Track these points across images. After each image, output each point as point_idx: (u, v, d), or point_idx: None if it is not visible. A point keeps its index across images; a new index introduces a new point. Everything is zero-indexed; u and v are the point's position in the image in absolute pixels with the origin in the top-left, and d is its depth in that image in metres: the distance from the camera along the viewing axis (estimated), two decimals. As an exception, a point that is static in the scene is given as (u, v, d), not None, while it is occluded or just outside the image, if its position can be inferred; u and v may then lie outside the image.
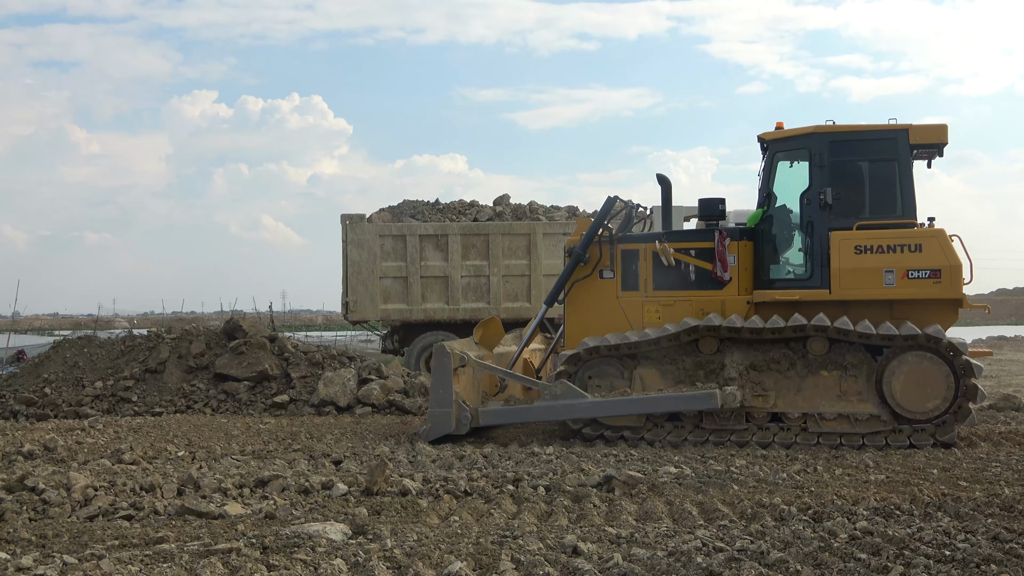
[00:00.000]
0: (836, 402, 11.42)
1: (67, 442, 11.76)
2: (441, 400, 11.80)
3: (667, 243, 12.28)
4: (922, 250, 11.45)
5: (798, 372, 11.53)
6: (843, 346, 11.47)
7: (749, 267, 12.28)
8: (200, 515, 7.78)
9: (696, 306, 12.11)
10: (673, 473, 9.36)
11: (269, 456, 10.87)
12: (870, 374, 11.40)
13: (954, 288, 11.44)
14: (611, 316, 12.40)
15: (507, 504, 8.20)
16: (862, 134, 11.97)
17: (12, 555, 6.51)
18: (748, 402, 11.49)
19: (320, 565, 6.16)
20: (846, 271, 11.57)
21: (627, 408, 11.61)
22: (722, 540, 6.70)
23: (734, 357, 11.64)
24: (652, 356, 11.87)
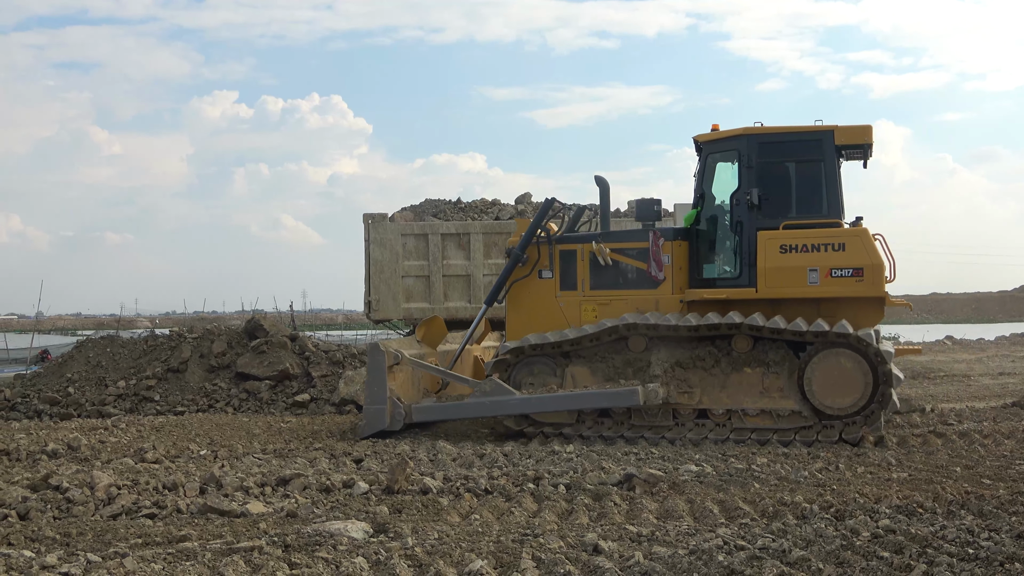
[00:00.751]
0: (759, 399, 11.64)
1: (90, 441, 11.84)
2: (376, 397, 12.14)
3: (603, 243, 12.52)
4: (845, 249, 11.64)
5: (723, 369, 11.75)
6: (766, 344, 11.68)
7: (684, 266, 12.50)
8: (222, 514, 7.82)
9: (631, 305, 12.33)
10: (694, 471, 9.34)
11: (290, 455, 10.92)
12: (792, 371, 11.58)
13: (876, 286, 11.62)
14: (550, 315, 12.65)
15: (528, 502, 8.21)
16: (788, 135, 12.22)
17: (37, 553, 6.56)
18: (673, 399, 11.72)
19: (342, 563, 6.18)
20: (772, 270, 11.78)
21: (552, 404, 11.86)
22: (743, 538, 6.68)
23: (660, 355, 11.89)
24: (583, 354, 12.16)
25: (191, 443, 11.82)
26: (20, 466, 10.40)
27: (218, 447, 11.49)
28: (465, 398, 12.37)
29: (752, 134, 12.12)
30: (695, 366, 11.80)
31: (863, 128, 12.08)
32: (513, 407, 11.99)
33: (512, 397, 11.95)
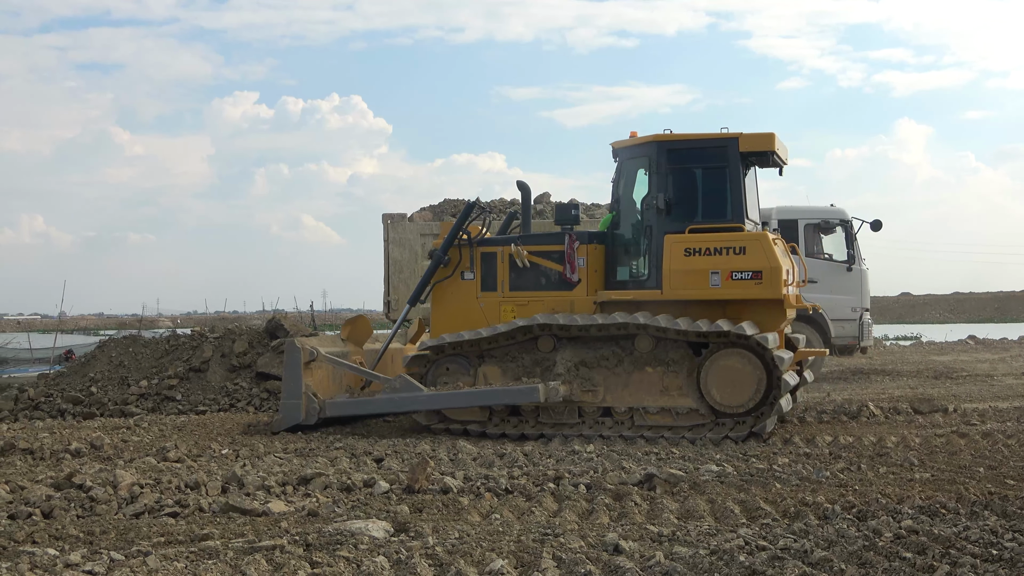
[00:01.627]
0: (659, 397, 11.98)
1: (113, 440, 11.92)
2: (291, 392, 12.62)
3: (522, 246, 12.84)
4: (745, 252, 11.92)
5: (625, 368, 12.07)
6: (667, 344, 11.98)
7: (600, 269, 12.83)
8: (244, 512, 7.86)
9: (548, 306, 12.61)
10: (715, 471, 9.32)
11: (311, 454, 10.95)
12: (691, 370, 11.92)
13: (773, 289, 11.87)
14: (472, 315, 12.95)
15: (548, 502, 8.21)
16: (695, 142, 12.57)
17: (61, 551, 6.62)
18: (577, 397, 12.08)
19: (363, 562, 6.20)
20: (676, 272, 12.08)
21: (456, 401, 12.22)
22: (765, 539, 6.66)
23: (565, 354, 12.20)
24: (495, 354, 12.52)
25: (213, 442, 11.88)
26: (44, 465, 10.49)
27: (239, 446, 11.54)
28: (376, 394, 12.76)
29: (661, 141, 12.50)
30: (599, 365, 12.12)
31: (767, 136, 12.41)
32: (420, 403, 12.38)
33: (420, 394, 12.32)
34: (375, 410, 12.92)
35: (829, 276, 19.33)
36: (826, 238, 19.74)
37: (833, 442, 11.32)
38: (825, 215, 19.66)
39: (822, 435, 11.84)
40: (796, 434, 11.97)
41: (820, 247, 19.69)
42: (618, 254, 12.89)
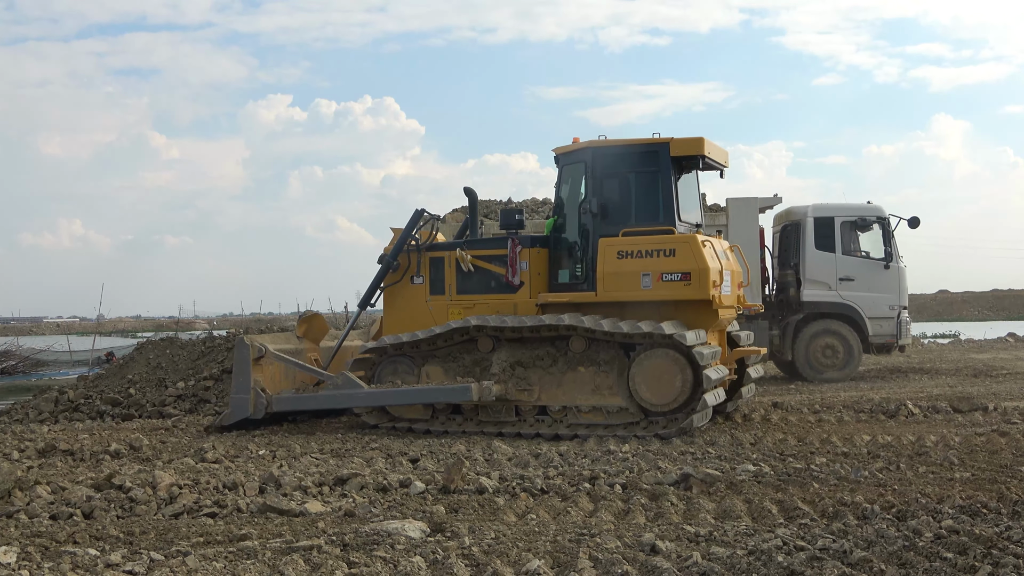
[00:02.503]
0: (591, 396, 12.25)
1: (152, 441, 12.04)
2: (240, 387, 13.06)
3: (466, 251, 13.26)
4: (675, 255, 12.13)
5: (559, 369, 12.38)
6: (599, 345, 12.24)
7: (543, 272, 13.16)
8: (281, 513, 7.90)
9: (492, 308, 12.98)
10: (752, 471, 9.26)
11: (347, 454, 11.00)
12: (621, 370, 12.14)
13: (702, 290, 12.04)
14: (421, 318, 13.33)
15: (584, 502, 8.19)
16: (628, 148, 12.81)
17: (102, 552, 6.69)
18: (512, 396, 12.40)
19: (399, 562, 6.22)
20: (609, 274, 12.33)
21: (393, 398, 12.62)
22: (803, 539, 6.61)
23: (502, 355, 12.51)
24: (438, 354, 12.89)
25: (250, 443, 11.96)
26: (84, 466, 10.61)
27: (276, 447, 11.61)
28: (319, 390, 13.22)
29: (596, 147, 12.79)
30: (535, 365, 12.44)
31: (696, 140, 12.59)
32: (360, 400, 12.76)
33: (360, 390, 12.71)
34: (318, 406, 13.36)
35: (866, 274, 19.19)
36: (863, 236, 19.57)
37: (871, 441, 11.21)
38: (862, 212, 19.50)
39: (860, 434, 11.73)
40: (834, 433, 11.87)
41: (857, 245, 19.53)
42: (560, 257, 13.20)
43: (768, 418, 13.57)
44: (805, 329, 19.18)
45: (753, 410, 14.28)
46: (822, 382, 18.67)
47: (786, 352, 19.28)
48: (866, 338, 19.14)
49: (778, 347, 19.29)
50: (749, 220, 19.13)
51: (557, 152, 13.38)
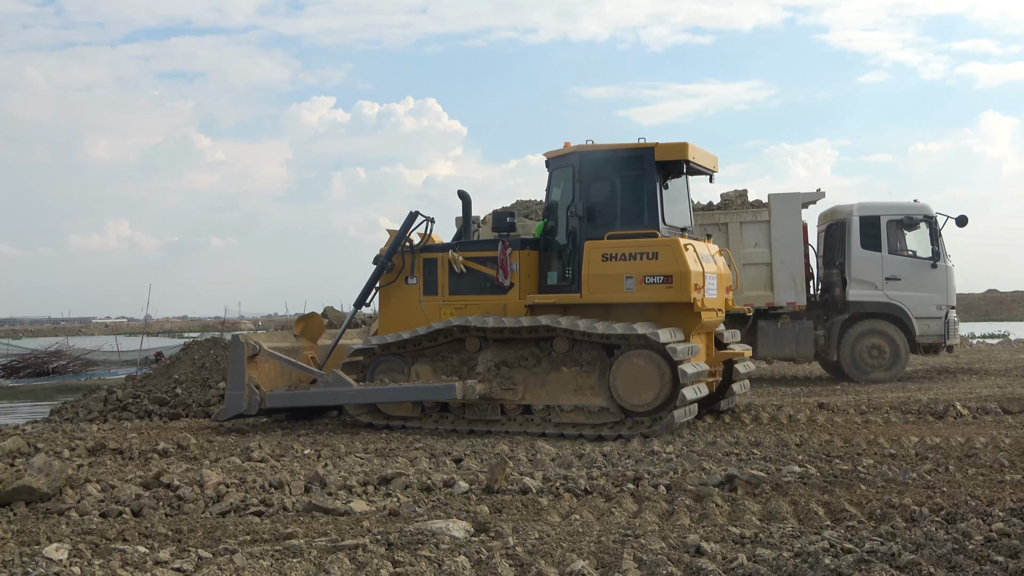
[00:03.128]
0: (573, 395, 12.47)
1: (199, 440, 12.17)
2: (235, 384, 13.45)
3: (458, 252, 13.56)
4: (658, 258, 12.32)
5: (543, 368, 12.62)
6: (582, 345, 12.47)
7: (533, 273, 13.42)
8: (327, 512, 7.96)
9: (483, 309, 13.26)
10: (797, 472, 9.18)
11: (391, 454, 11.05)
12: (603, 370, 12.35)
13: (683, 292, 12.22)
14: (415, 318, 13.60)
15: (628, 503, 8.17)
16: (614, 152, 13.00)
17: (150, 549, 6.77)
18: (497, 395, 12.65)
19: (444, 562, 6.24)
20: (594, 276, 12.55)
21: (381, 396, 13.00)
22: (850, 541, 6.54)
23: (487, 354, 12.79)
24: (427, 354, 13.22)
25: (295, 442, 12.05)
26: (133, 464, 10.75)
27: (321, 446, 11.70)
28: (311, 388, 13.55)
29: (583, 151, 13.04)
30: (520, 365, 12.69)
31: (680, 145, 12.80)
32: (349, 397, 13.12)
33: (349, 388, 13.08)
34: (309, 403, 13.61)
35: (913, 273, 18.98)
36: (910, 235, 19.37)
37: (919, 443, 11.08)
38: (908, 211, 19.29)
39: (908, 436, 11.60)
40: (881, 435, 11.75)
41: (904, 244, 19.32)
42: (550, 259, 13.43)
43: (814, 419, 13.45)
44: (851, 329, 19.01)
45: (798, 411, 14.18)
46: (868, 383, 18.49)
47: (831, 352, 19.11)
48: (913, 338, 18.94)
49: (823, 347, 19.14)
50: (792, 216, 18.98)
51: (548, 156, 13.61)
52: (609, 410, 12.31)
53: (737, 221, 19.10)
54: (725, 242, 18.89)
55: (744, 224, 19.09)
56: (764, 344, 19.08)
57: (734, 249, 18.90)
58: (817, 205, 19.86)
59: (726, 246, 18.81)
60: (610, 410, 12.30)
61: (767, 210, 19.12)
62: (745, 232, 19.06)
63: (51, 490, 8.51)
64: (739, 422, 13.42)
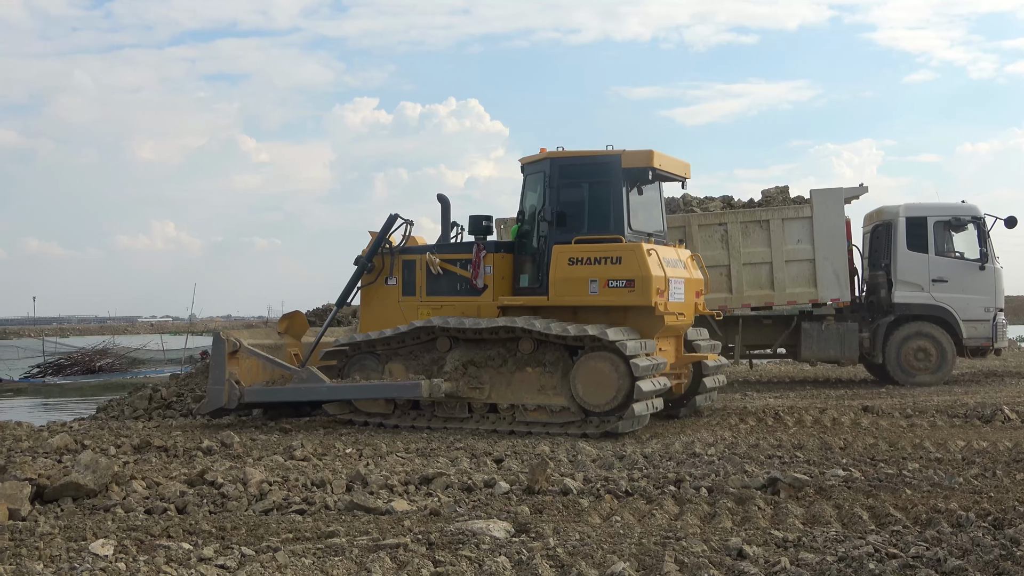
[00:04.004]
0: (537, 395, 12.92)
1: (242, 439, 12.28)
2: (216, 379, 13.90)
3: (435, 255, 13.95)
4: (621, 262, 12.71)
5: (509, 368, 13.06)
6: (546, 346, 12.89)
7: (507, 276, 13.76)
8: (368, 511, 8.00)
9: (458, 309, 13.67)
10: (842, 476, 9.08)
11: (432, 454, 11.09)
12: (565, 371, 12.76)
13: (644, 296, 12.61)
14: (395, 317, 13.99)
15: (669, 505, 8.13)
16: (583, 159, 13.40)
17: (194, 546, 6.84)
18: (463, 393, 13.12)
19: (484, 562, 6.24)
20: (560, 280, 12.97)
21: (351, 393, 13.57)
22: (895, 546, 6.46)
23: (455, 354, 13.24)
24: (400, 352, 13.67)
25: (337, 441, 12.13)
26: (177, 462, 10.87)
27: (363, 446, 11.76)
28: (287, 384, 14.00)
29: (554, 157, 13.41)
30: (487, 365, 13.13)
31: (646, 153, 13.11)
32: (322, 393, 13.70)
33: (322, 385, 13.63)
34: (283, 398, 14.04)
35: (960, 275, 18.73)
36: (957, 236, 19.10)
37: (966, 447, 10.93)
38: (956, 212, 19.03)
39: (954, 439, 11.45)
40: (927, 438, 11.60)
41: (951, 245, 19.06)
42: (522, 262, 13.77)
43: (858, 422, 13.32)
44: (896, 331, 18.78)
45: (842, 414, 14.06)
46: (914, 386, 18.26)
47: (876, 355, 18.90)
48: (960, 341, 18.68)
49: (868, 350, 18.93)
50: (834, 212, 18.78)
51: (523, 162, 14.01)
52: (569, 409, 12.70)
53: (779, 218, 18.92)
54: (766, 239, 18.78)
55: (786, 221, 18.91)
56: (808, 346, 18.90)
57: (776, 246, 18.78)
58: (860, 200, 19.62)
59: (767, 244, 18.74)
60: (571, 409, 12.70)
61: (809, 206, 18.92)
62: (787, 229, 18.88)
63: (97, 487, 8.62)
64: (782, 425, 13.32)
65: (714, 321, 19.25)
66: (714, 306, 18.76)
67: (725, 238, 18.93)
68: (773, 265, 18.83)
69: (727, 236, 18.91)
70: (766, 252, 18.86)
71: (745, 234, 18.92)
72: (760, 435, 12.16)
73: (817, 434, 12.19)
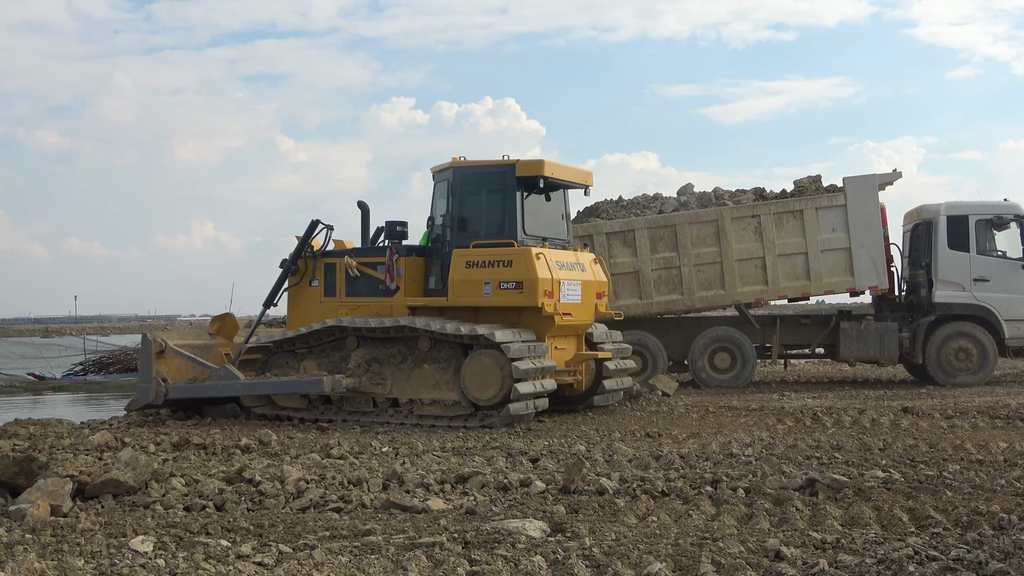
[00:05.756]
0: (432, 390, 13.79)
1: (280, 437, 12.36)
2: (144, 377, 14.83)
3: (353, 259, 14.90)
4: (511, 265, 13.56)
5: (408, 365, 13.92)
6: (442, 345, 13.78)
7: (418, 278, 14.74)
8: (404, 509, 8.02)
9: (373, 310, 14.57)
10: (881, 477, 8.99)
11: (468, 453, 11.10)
12: (458, 368, 13.60)
13: (532, 297, 13.43)
14: (317, 317, 14.78)
15: (706, 505, 8.09)
16: (481, 168, 14.36)
17: (233, 543, 6.90)
18: (366, 388, 13.97)
19: (520, 561, 6.24)
20: (457, 282, 13.88)
21: (262, 389, 14.38)
22: (936, 548, 6.39)
23: (360, 352, 14.11)
24: (315, 350, 14.57)
25: (373, 440, 12.18)
26: (216, 460, 10.96)
27: (399, 444, 11.80)
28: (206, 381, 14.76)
29: (456, 167, 14.39)
30: (389, 362, 13.98)
31: (537, 162, 14.06)
32: (237, 389, 14.52)
33: (237, 381, 14.43)
34: (203, 394, 14.77)
35: (1003, 274, 18.48)
36: (999, 235, 18.84)
37: (1008, 448, 10.78)
38: (998, 210, 18.77)
39: (996, 441, 11.30)
40: (968, 440, 11.46)
41: (993, 244, 18.80)
42: (431, 265, 14.72)
43: (898, 423, 13.18)
44: (937, 331, 18.55)
45: (882, 415, 13.93)
46: (955, 386, 18.04)
47: (917, 355, 18.68)
48: (1002, 341, 18.43)
49: (908, 350, 18.72)
50: (869, 198, 18.60)
51: (433, 170, 14.96)
52: (461, 404, 13.55)
53: (812, 207, 18.75)
54: (801, 230, 18.67)
55: (820, 210, 18.74)
56: (847, 346, 18.73)
57: (811, 236, 18.66)
58: (893, 185, 19.40)
59: (802, 234, 18.62)
60: (461, 404, 13.55)
61: (843, 194, 18.74)
62: (821, 218, 18.72)
63: (137, 484, 8.72)
64: (820, 425, 13.21)
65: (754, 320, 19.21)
66: (750, 298, 18.79)
67: (759, 230, 18.80)
68: (808, 255, 18.70)
69: (760, 228, 18.79)
70: (801, 242, 18.73)
71: (779, 225, 18.79)
72: (798, 436, 12.07)
73: (856, 435, 12.08)
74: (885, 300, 19.48)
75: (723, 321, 19.97)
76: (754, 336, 19.34)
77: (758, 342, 19.42)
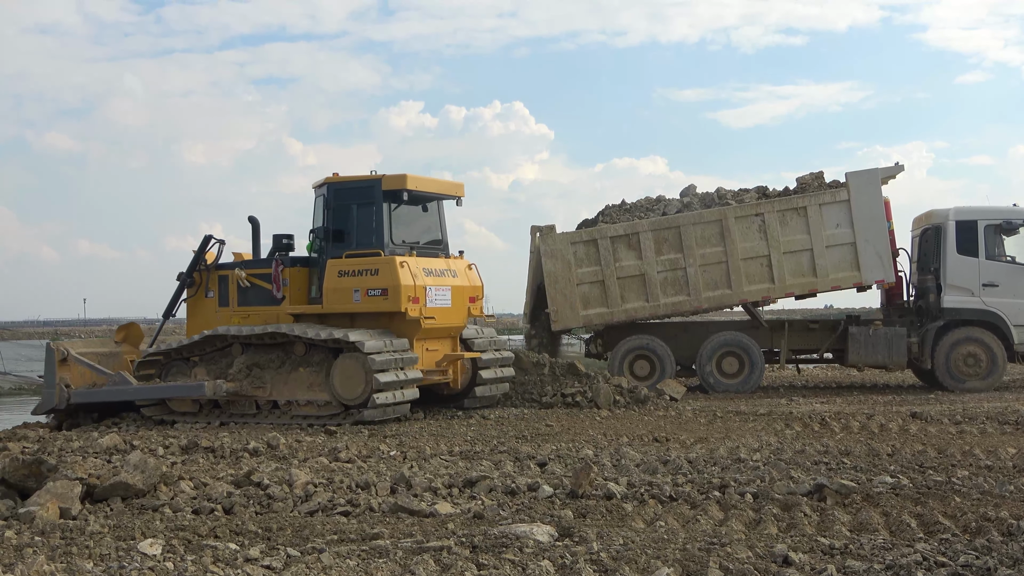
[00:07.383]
0: (307, 391, 14.71)
1: (288, 440, 12.39)
2: (48, 383, 15.89)
3: (243, 271, 15.81)
4: (378, 273, 14.60)
5: (286, 369, 14.82)
6: (316, 349, 14.66)
7: (303, 287, 15.69)
8: (412, 513, 8.03)
9: (263, 318, 15.47)
10: (889, 483, 8.98)
11: (476, 457, 11.11)
12: (329, 370, 14.43)
13: (396, 303, 14.48)
14: (213, 326, 15.58)
15: (713, 510, 8.08)
16: (352, 183, 15.38)
17: (241, 546, 6.92)
18: (247, 392, 14.83)
19: (528, 566, 6.24)
20: (331, 290, 14.89)
21: (149, 393, 15.25)
22: (944, 555, 6.38)
23: (243, 357, 14.97)
24: (205, 358, 15.39)
25: (381, 444, 12.19)
26: (224, 463, 10.99)
27: (407, 448, 11.81)
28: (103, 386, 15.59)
29: (331, 182, 15.41)
30: (269, 366, 14.86)
31: (400, 176, 15.08)
32: (129, 394, 15.36)
33: (128, 387, 15.29)
34: (102, 398, 15.58)
35: (1012, 279, 18.43)
36: (1009, 240, 18.79)
37: (1017, 454, 10.74)
38: (1008, 215, 18.71)
39: (1005, 447, 11.27)
40: (976, 445, 11.43)
41: (1002, 249, 18.76)
42: (314, 275, 15.57)
43: (906, 429, 13.15)
44: (946, 337, 18.51)
45: (890, 420, 13.89)
46: (963, 392, 18.01)
47: (925, 360, 18.65)
48: (1011, 346, 18.38)
49: (917, 355, 18.68)
50: (872, 193, 18.57)
51: (313, 185, 15.87)
52: (332, 403, 14.40)
53: (816, 204, 18.70)
54: (805, 226, 18.62)
55: (823, 206, 18.71)
56: (855, 351, 18.70)
57: (815, 233, 18.61)
58: (895, 178, 19.36)
59: (806, 231, 18.58)
60: (332, 403, 14.40)
61: (846, 189, 18.71)
62: (825, 214, 18.68)
63: (146, 487, 8.74)
64: (828, 430, 13.19)
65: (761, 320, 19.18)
66: (757, 297, 18.76)
67: (763, 228, 18.76)
68: (814, 252, 18.67)
69: (765, 226, 18.75)
70: (806, 239, 18.69)
71: (783, 223, 18.75)
72: (806, 441, 12.05)
73: (864, 440, 12.05)
74: (893, 305, 19.45)
75: (731, 326, 19.94)
76: (762, 341, 19.32)
77: (766, 347, 19.39)
